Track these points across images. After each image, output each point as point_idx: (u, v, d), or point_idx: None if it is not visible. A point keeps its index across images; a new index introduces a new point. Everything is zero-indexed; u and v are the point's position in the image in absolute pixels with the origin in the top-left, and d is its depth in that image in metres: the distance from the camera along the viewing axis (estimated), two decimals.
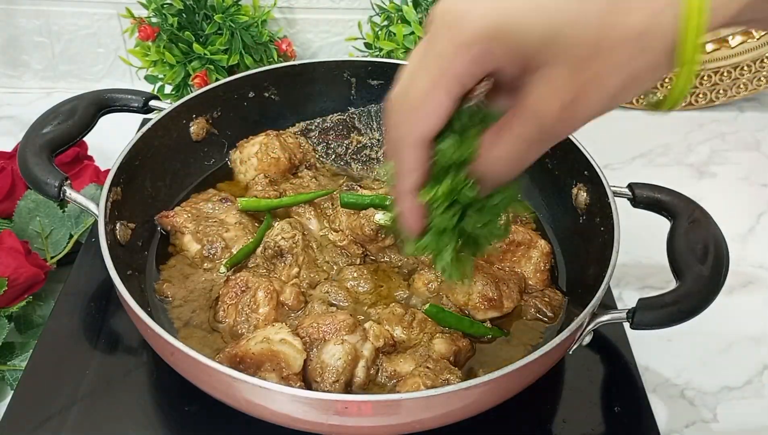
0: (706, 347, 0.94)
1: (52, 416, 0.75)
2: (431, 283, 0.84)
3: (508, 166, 0.49)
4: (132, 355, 0.82)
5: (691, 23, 0.42)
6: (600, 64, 0.43)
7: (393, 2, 1.24)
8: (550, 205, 0.98)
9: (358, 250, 0.89)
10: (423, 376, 0.71)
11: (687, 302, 0.73)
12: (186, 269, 0.87)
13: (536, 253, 0.88)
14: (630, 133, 1.33)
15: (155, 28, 1.18)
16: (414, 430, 0.68)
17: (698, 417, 0.86)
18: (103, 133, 0.95)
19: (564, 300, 0.87)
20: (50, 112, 0.90)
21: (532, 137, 0.47)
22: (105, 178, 0.83)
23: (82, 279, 0.90)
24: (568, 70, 0.43)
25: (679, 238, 0.79)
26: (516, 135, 0.47)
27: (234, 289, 0.80)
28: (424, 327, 0.78)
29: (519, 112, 0.46)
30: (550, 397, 0.80)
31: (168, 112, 0.94)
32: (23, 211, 0.96)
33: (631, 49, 0.43)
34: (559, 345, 0.68)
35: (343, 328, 0.74)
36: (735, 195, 1.20)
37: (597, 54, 0.43)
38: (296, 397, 0.63)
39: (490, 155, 0.49)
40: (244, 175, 1.00)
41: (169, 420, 0.76)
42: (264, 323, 0.77)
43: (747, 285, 1.04)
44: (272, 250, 0.85)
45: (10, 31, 1.30)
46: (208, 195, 0.95)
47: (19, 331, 0.89)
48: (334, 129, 1.05)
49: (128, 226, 0.86)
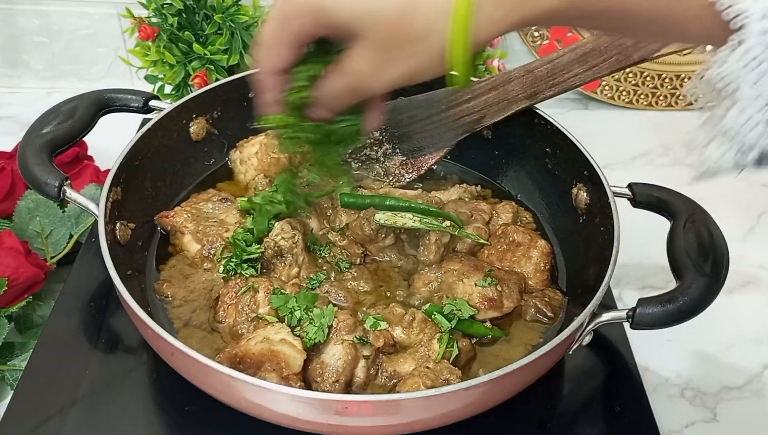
0: (706, 347, 0.94)
1: (52, 416, 0.75)
2: (431, 283, 0.84)
3: (334, 100, 0.64)
4: (132, 355, 0.82)
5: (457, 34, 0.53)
6: (393, 52, 0.56)
7: None
8: (550, 205, 0.98)
9: (358, 250, 0.89)
10: (423, 376, 0.71)
11: (687, 302, 0.73)
12: (186, 269, 0.87)
13: (536, 253, 0.88)
14: (630, 133, 1.33)
15: (155, 28, 1.18)
16: (414, 430, 0.68)
17: (698, 417, 0.86)
18: (103, 133, 0.95)
19: (564, 300, 0.87)
20: (50, 112, 0.90)
21: (350, 86, 0.61)
22: (105, 178, 0.83)
23: (82, 279, 0.90)
24: (373, 47, 0.56)
25: (679, 238, 0.79)
26: (340, 81, 0.61)
27: (234, 289, 0.80)
28: (424, 327, 0.78)
29: (342, 67, 0.60)
30: (550, 397, 0.80)
31: (168, 112, 0.94)
32: (23, 211, 0.96)
33: (414, 48, 0.55)
34: (559, 345, 0.68)
35: (343, 328, 0.74)
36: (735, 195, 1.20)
37: (391, 44, 0.55)
38: (296, 397, 0.63)
39: (323, 89, 0.63)
40: (244, 175, 1.00)
41: (169, 420, 0.76)
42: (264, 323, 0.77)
43: (747, 285, 1.04)
44: (272, 250, 0.85)
45: (10, 31, 1.30)
46: (208, 195, 0.95)
47: (19, 331, 0.89)
48: None
49: (128, 226, 0.86)
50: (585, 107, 1.40)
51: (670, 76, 1.36)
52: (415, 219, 0.84)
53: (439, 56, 0.55)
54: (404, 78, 0.57)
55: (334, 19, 0.56)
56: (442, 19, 0.53)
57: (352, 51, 0.58)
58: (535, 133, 0.98)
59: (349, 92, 0.61)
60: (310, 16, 0.58)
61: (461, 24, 0.52)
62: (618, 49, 0.89)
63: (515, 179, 1.03)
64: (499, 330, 0.82)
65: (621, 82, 1.36)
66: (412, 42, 0.54)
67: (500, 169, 1.05)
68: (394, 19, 0.54)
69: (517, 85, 0.95)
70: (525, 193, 1.02)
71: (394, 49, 0.55)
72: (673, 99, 1.38)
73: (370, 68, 0.57)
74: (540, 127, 0.97)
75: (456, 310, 0.79)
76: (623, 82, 1.36)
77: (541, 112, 0.96)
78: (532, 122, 0.98)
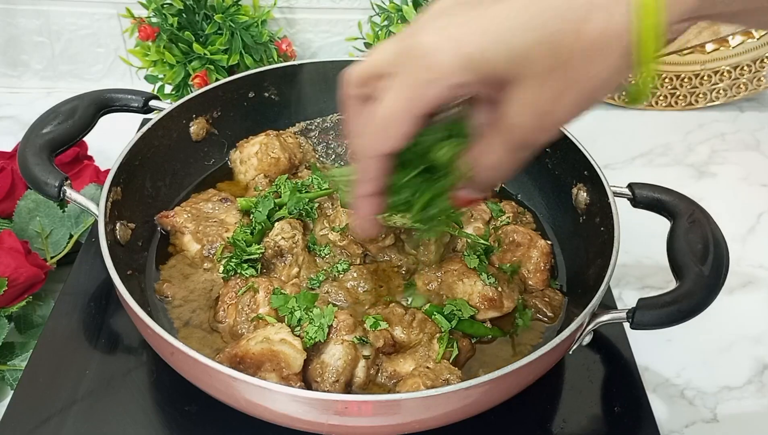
0: (706, 347, 0.94)
1: (52, 416, 0.75)
2: (431, 283, 0.84)
3: (497, 172, 0.53)
4: (132, 355, 0.82)
5: (647, 22, 0.43)
6: (564, 74, 0.45)
7: (393, 2, 1.24)
8: (550, 205, 0.98)
9: (358, 250, 0.89)
10: (423, 376, 0.71)
11: (687, 302, 0.73)
12: (186, 269, 0.87)
13: (536, 253, 0.88)
14: (630, 133, 1.33)
15: (155, 28, 1.18)
16: (414, 430, 0.68)
17: (698, 417, 0.86)
18: (103, 133, 0.95)
19: (564, 300, 0.87)
20: (50, 112, 0.90)
21: (514, 146, 0.50)
22: (105, 178, 0.83)
23: (82, 279, 0.90)
24: (536, 84, 0.46)
25: (679, 238, 0.79)
26: (500, 145, 0.51)
27: (234, 289, 0.80)
28: (424, 327, 0.78)
29: (500, 126, 0.50)
30: (550, 397, 0.80)
31: (168, 112, 0.94)
32: (23, 211, 0.96)
33: (590, 56, 0.44)
34: (559, 345, 0.68)
35: (343, 328, 0.74)
36: (735, 195, 1.20)
37: (559, 65, 0.45)
38: (296, 397, 0.63)
39: (481, 163, 0.53)
40: (244, 175, 1.00)
41: (169, 420, 0.76)
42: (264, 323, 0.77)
43: (747, 285, 1.04)
44: (272, 250, 0.85)
45: (10, 30, 1.30)
46: (208, 195, 0.95)
47: (19, 331, 0.89)
48: (334, 129, 1.05)
49: (128, 226, 0.86)
50: None
51: (670, 76, 1.36)
52: None
53: (622, 59, 0.44)
54: (582, 100, 0.47)
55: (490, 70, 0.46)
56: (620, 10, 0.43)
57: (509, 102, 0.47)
58: None
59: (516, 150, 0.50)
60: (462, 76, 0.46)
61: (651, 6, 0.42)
62: None
63: (515, 179, 1.03)
64: (499, 330, 0.82)
65: None
66: (585, 50, 0.44)
67: None
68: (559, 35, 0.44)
69: None
70: (525, 193, 1.02)
71: (564, 70, 0.45)
72: (673, 99, 1.38)
73: (539, 110, 0.47)
74: None
75: (456, 310, 0.79)
76: None
77: None
78: None
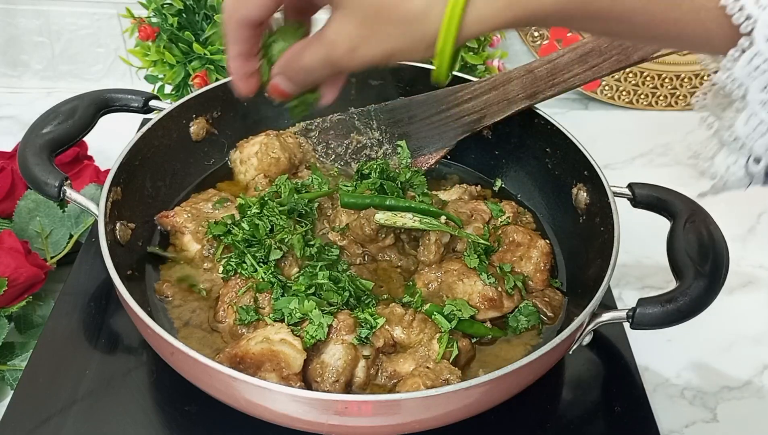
0: (706, 347, 0.94)
1: (52, 416, 0.75)
2: (431, 283, 0.84)
3: (307, 73, 0.61)
4: (132, 355, 0.82)
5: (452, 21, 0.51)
6: (378, 30, 0.54)
7: None
8: (550, 205, 0.98)
9: (358, 250, 0.89)
10: (423, 376, 0.71)
11: (687, 302, 0.73)
12: (186, 269, 0.87)
13: (536, 253, 0.88)
14: (630, 133, 1.33)
15: (155, 28, 1.18)
16: (414, 430, 0.68)
17: (698, 417, 0.86)
18: (103, 133, 0.95)
19: (564, 300, 0.87)
20: (50, 112, 0.90)
21: (326, 59, 0.58)
22: (105, 178, 0.83)
23: (82, 279, 0.90)
24: (357, 21, 0.54)
25: (679, 238, 0.79)
26: (317, 52, 0.58)
27: (234, 289, 0.80)
28: (424, 327, 0.78)
29: (321, 37, 0.57)
30: (550, 397, 0.80)
31: (168, 112, 0.94)
32: (23, 211, 0.96)
33: (403, 29, 0.53)
34: (559, 345, 0.68)
35: (343, 328, 0.74)
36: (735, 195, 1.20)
37: (378, 20, 0.53)
38: (296, 397, 0.63)
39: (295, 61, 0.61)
40: (244, 175, 1.00)
41: (169, 420, 0.76)
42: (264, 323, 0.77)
43: (747, 285, 1.04)
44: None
45: (10, 30, 1.30)
46: (208, 195, 0.95)
47: (19, 331, 0.89)
48: (334, 129, 1.05)
49: (128, 226, 0.86)
50: (585, 107, 1.40)
51: (670, 76, 1.36)
52: (415, 219, 0.84)
53: (425, 42, 0.53)
54: (383, 58, 0.56)
55: None
56: (439, 4, 0.51)
57: (335, 22, 0.56)
58: (535, 133, 0.98)
59: (325, 65, 0.58)
60: None
61: (458, 12, 0.51)
62: (618, 49, 0.89)
63: (515, 179, 1.04)
64: (499, 330, 0.82)
65: (621, 82, 1.36)
66: (402, 23, 0.53)
67: (500, 169, 1.05)
68: None
69: (517, 85, 0.95)
70: (525, 193, 1.02)
71: (380, 27, 0.54)
72: (673, 99, 1.38)
73: (351, 42, 0.55)
74: (540, 127, 0.97)
75: (456, 310, 0.79)
76: (623, 82, 1.36)
77: (541, 112, 0.97)
78: (532, 122, 0.98)
